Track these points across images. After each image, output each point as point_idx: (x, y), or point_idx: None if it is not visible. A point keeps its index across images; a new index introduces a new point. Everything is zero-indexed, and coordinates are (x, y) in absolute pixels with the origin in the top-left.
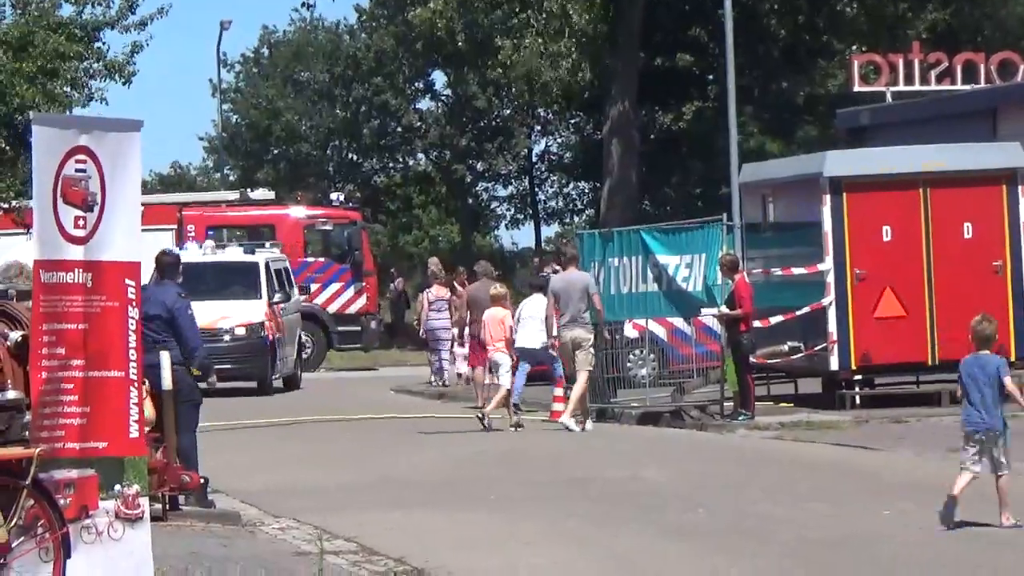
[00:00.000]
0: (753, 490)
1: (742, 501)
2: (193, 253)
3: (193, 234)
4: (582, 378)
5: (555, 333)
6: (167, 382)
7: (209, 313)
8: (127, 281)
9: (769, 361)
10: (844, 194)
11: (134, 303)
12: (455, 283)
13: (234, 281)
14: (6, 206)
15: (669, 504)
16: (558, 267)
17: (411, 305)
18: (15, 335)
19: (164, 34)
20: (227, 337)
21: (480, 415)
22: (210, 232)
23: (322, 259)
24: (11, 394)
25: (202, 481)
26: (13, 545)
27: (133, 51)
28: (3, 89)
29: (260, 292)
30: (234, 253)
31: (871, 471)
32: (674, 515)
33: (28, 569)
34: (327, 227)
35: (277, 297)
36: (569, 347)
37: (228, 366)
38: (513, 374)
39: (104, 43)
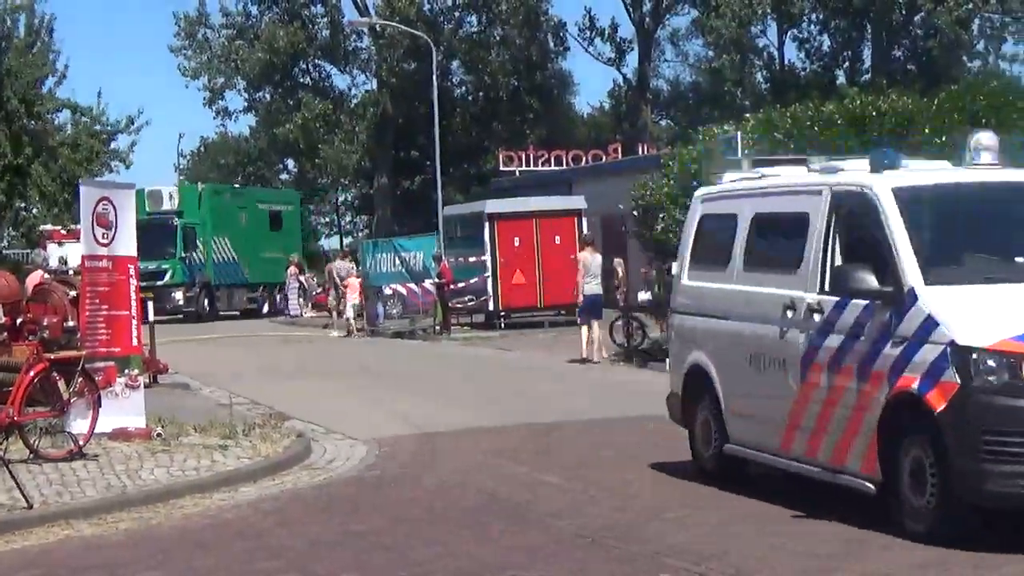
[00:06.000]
0: (452, 372)
1: (447, 377)
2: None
3: None
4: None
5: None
6: (150, 316)
7: None
8: (128, 266)
9: (459, 306)
10: (496, 222)
11: (133, 276)
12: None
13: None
14: (65, 231)
15: (411, 379)
16: (347, 256)
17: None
18: (72, 293)
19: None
20: None
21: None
22: None
23: None
24: (71, 324)
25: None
26: (72, 401)
27: (132, 146)
28: (69, 168)
29: None
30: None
31: (510, 361)
32: (415, 385)
33: (80, 414)
34: None
35: None
36: None
37: None
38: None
39: (116, 140)
